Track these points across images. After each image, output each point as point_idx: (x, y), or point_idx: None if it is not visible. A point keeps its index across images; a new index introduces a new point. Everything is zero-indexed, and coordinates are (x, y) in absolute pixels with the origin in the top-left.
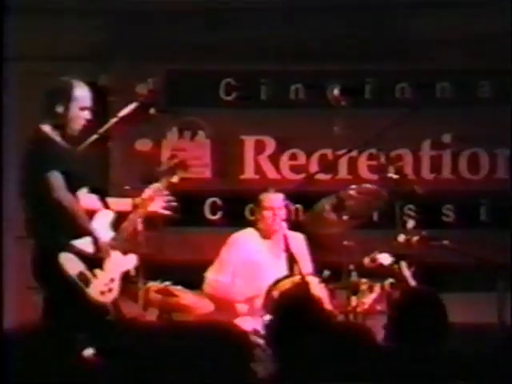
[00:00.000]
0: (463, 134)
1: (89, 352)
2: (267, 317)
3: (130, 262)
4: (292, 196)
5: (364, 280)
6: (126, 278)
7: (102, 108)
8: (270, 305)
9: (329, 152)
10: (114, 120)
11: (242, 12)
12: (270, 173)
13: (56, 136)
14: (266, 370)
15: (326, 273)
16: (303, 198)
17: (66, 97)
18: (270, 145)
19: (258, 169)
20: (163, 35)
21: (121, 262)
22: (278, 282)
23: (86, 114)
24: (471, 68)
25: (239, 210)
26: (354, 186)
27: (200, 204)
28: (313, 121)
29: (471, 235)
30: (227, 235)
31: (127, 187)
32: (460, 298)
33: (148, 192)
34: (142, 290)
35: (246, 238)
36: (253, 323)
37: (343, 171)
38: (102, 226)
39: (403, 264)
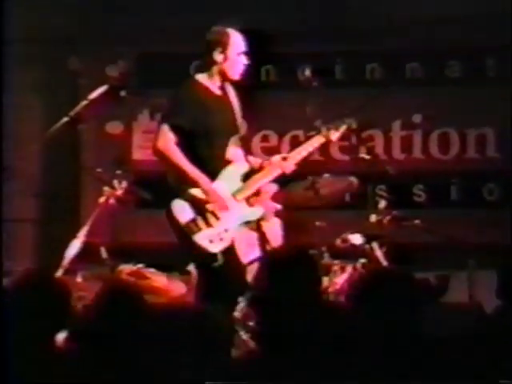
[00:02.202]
0: (433, 114)
1: (61, 336)
2: (240, 298)
3: (255, 214)
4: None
5: (336, 261)
6: (97, 260)
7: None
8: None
9: (300, 133)
10: (84, 103)
11: None
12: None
13: (211, 85)
14: (242, 352)
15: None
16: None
17: (223, 44)
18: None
19: None
20: (134, 17)
21: (243, 213)
22: (250, 264)
23: (244, 59)
24: (440, 48)
25: None
26: (328, 174)
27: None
28: (284, 102)
29: (442, 215)
30: None
31: (98, 170)
32: (431, 277)
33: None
34: (114, 273)
35: None
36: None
37: (315, 152)
38: (230, 176)
39: (375, 244)
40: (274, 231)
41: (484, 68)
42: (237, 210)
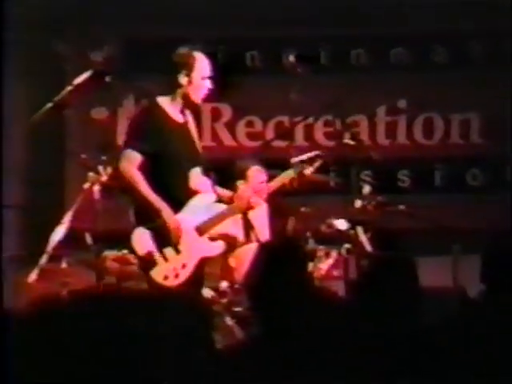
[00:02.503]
0: (418, 100)
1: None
2: (224, 284)
3: (216, 248)
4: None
5: (321, 247)
6: (82, 246)
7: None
8: (226, 271)
9: (285, 119)
10: (69, 88)
11: None
12: (227, 140)
13: (171, 109)
14: (226, 337)
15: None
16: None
17: (188, 67)
18: (227, 112)
19: (215, 136)
20: (120, 2)
21: (204, 248)
22: (234, 249)
23: (209, 83)
24: (425, 33)
25: None
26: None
27: None
28: (269, 88)
29: (426, 200)
30: None
31: (83, 156)
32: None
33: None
34: (99, 259)
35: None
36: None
37: (300, 138)
38: (195, 208)
39: (359, 229)
40: (260, 217)
41: (469, 53)
42: (197, 245)
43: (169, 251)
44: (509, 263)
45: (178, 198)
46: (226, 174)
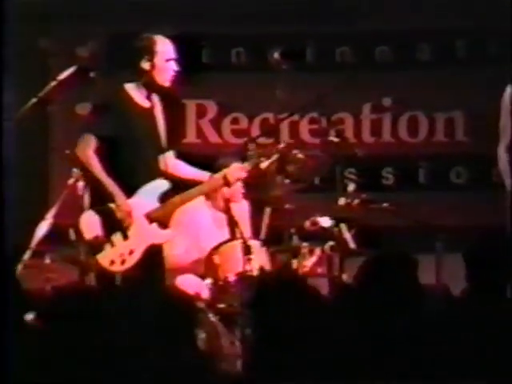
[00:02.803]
0: (403, 98)
1: (29, 316)
2: (208, 280)
3: (164, 236)
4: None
5: (305, 244)
6: (65, 242)
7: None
8: (211, 268)
9: (270, 116)
10: (53, 83)
11: None
12: (212, 137)
13: (137, 95)
14: (209, 334)
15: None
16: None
17: (150, 52)
18: (212, 109)
19: (200, 133)
20: None
21: (152, 235)
22: (219, 246)
23: (173, 65)
24: (410, 30)
25: None
26: (296, 151)
27: None
28: (254, 84)
29: (410, 198)
30: None
31: (67, 151)
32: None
33: (230, 169)
34: (82, 255)
35: (194, 207)
36: (195, 287)
37: (285, 135)
38: (148, 194)
39: (343, 227)
40: (243, 213)
41: (454, 52)
42: (147, 231)
43: (117, 236)
44: (492, 261)
45: (141, 182)
46: (208, 170)
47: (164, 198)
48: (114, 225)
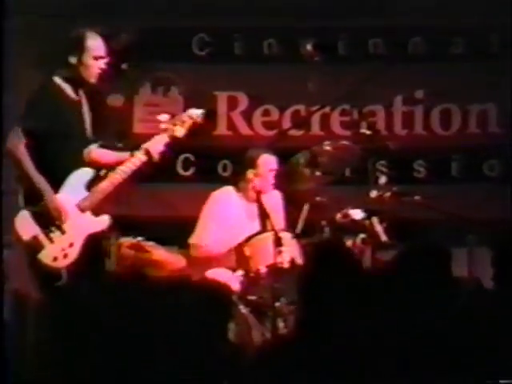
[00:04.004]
0: (435, 90)
1: None
2: (239, 272)
3: (101, 223)
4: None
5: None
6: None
7: None
8: (241, 260)
9: (302, 108)
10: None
11: None
12: (243, 129)
13: (67, 88)
14: (240, 326)
15: None
16: (276, 154)
17: (80, 47)
18: (243, 101)
19: (231, 125)
20: None
21: (89, 225)
22: (250, 238)
23: (101, 64)
24: (445, 23)
25: (212, 166)
26: (327, 142)
27: (173, 160)
28: (286, 76)
29: (442, 191)
30: (199, 191)
31: (100, 142)
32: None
33: (149, 144)
34: (115, 246)
35: (226, 199)
36: (226, 279)
37: (316, 127)
38: (74, 185)
39: (375, 219)
40: (276, 203)
41: (487, 44)
42: (81, 222)
43: (54, 232)
44: None
45: (68, 175)
46: (241, 161)
47: (91, 185)
48: (49, 221)
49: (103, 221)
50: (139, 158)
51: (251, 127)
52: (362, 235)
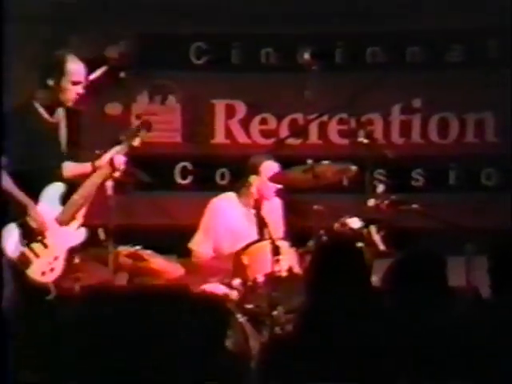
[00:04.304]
0: (433, 99)
1: None
2: (236, 281)
3: (78, 236)
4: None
5: None
6: (95, 242)
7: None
8: (239, 269)
9: (299, 117)
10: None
11: None
12: (241, 137)
13: (42, 110)
14: (237, 334)
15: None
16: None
17: (59, 70)
18: (241, 109)
19: (229, 133)
20: None
21: (68, 238)
22: (247, 246)
23: (78, 89)
24: (441, 31)
25: (209, 174)
26: (326, 162)
27: (170, 168)
28: (283, 85)
29: (440, 199)
30: (197, 200)
31: (97, 151)
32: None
33: (109, 155)
34: (112, 254)
35: (227, 205)
36: (223, 288)
37: (314, 136)
38: (51, 199)
39: (373, 228)
40: (275, 211)
41: (485, 52)
42: (61, 236)
43: (38, 247)
44: None
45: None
46: (239, 169)
47: (64, 200)
48: (32, 236)
49: (80, 234)
50: (105, 169)
51: (249, 136)
52: (360, 244)
